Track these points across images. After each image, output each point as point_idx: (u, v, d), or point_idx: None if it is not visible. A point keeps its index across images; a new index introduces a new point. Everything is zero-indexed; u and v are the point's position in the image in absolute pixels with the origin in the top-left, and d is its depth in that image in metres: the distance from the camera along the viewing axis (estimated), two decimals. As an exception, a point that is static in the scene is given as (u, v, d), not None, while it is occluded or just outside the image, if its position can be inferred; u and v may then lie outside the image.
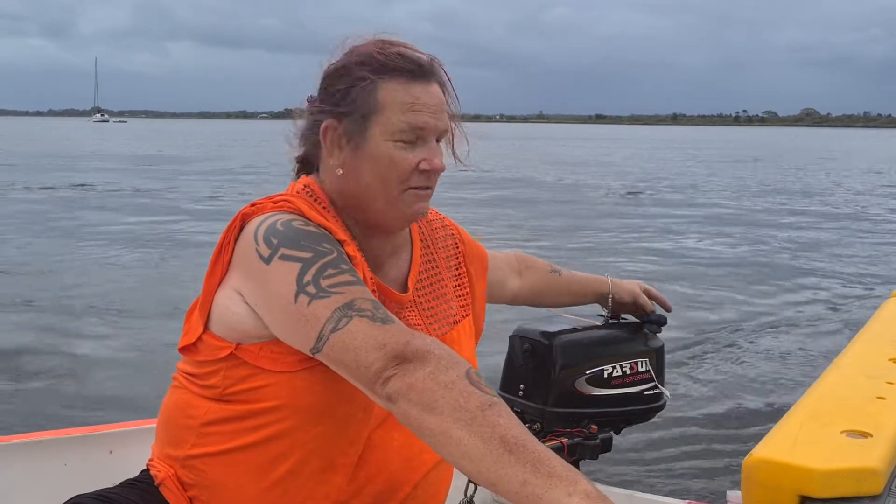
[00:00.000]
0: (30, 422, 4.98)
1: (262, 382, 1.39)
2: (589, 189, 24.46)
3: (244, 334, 1.39)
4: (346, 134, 1.46)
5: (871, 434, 1.23)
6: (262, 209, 1.42)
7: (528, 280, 1.99)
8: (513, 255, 2.00)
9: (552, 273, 2.02)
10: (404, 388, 1.15)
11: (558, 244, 13.04)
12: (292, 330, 1.30)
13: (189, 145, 59.34)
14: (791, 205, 20.75)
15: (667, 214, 17.82)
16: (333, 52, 1.50)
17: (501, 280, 1.91)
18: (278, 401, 1.38)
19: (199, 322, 1.45)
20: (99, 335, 7.22)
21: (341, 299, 1.26)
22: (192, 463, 1.46)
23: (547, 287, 2.01)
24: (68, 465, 1.97)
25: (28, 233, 13.44)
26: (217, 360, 1.42)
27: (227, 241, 1.41)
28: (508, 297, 1.96)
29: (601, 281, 2.08)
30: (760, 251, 12.95)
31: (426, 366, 1.16)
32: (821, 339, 7.48)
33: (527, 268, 2.00)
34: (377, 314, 1.25)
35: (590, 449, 1.97)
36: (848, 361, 1.64)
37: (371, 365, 1.19)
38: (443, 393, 1.12)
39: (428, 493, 1.54)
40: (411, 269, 1.61)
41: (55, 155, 40.45)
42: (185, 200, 18.70)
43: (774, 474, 1.15)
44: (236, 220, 1.41)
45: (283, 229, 1.35)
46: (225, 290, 1.41)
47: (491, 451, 1.05)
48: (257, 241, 1.35)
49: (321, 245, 1.34)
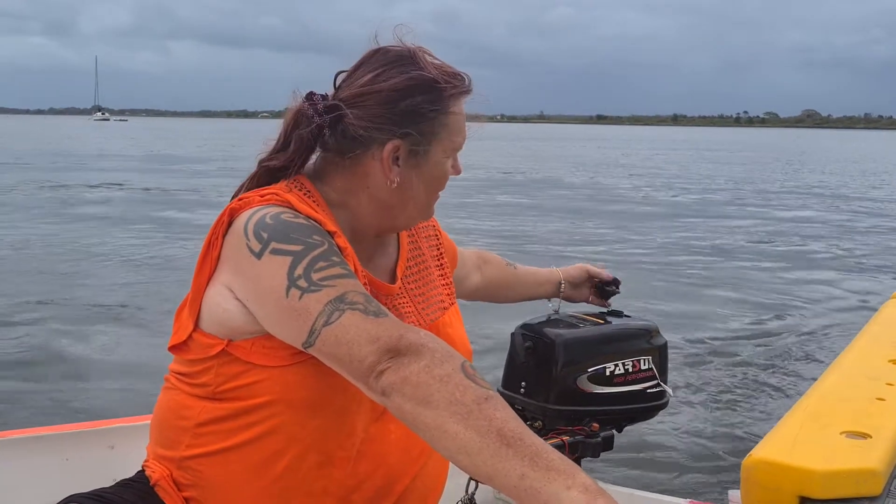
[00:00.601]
0: (30, 417, 5.01)
1: (254, 378, 1.38)
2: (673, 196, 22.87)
3: (235, 330, 1.38)
4: (408, 150, 1.48)
5: (871, 435, 1.23)
6: (250, 203, 1.41)
7: (486, 275, 2.07)
8: (473, 251, 2.07)
9: (508, 267, 2.13)
10: (399, 382, 1.15)
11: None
12: (284, 325, 1.29)
13: (201, 144, 58.87)
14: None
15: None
16: (366, 65, 1.50)
17: (466, 275, 1.98)
18: (271, 396, 1.37)
19: (189, 320, 1.44)
20: (105, 331, 7.25)
21: (333, 292, 1.25)
22: (187, 464, 1.45)
23: (504, 281, 2.12)
24: (69, 459, 1.98)
25: (54, 228, 13.50)
26: (208, 357, 1.41)
27: (215, 236, 1.40)
28: (469, 292, 2.04)
29: (552, 272, 2.20)
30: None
31: (421, 359, 1.15)
32: (822, 339, 7.48)
33: (486, 262, 2.09)
34: (369, 307, 1.24)
35: (591, 447, 1.97)
36: (848, 362, 1.64)
37: (364, 359, 1.19)
38: (438, 387, 1.12)
39: (427, 485, 1.54)
40: (399, 259, 1.62)
41: (71, 154, 40.01)
42: (215, 195, 18.67)
43: (774, 475, 1.15)
44: (224, 216, 1.40)
45: (272, 222, 1.34)
46: (215, 286, 1.40)
47: (488, 444, 1.05)
48: (247, 235, 1.34)
49: (311, 237, 1.33)
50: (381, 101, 1.46)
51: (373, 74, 1.48)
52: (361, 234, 1.53)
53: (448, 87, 1.48)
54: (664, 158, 49.17)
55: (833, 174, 35.17)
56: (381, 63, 1.49)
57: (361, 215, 1.52)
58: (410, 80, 1.47)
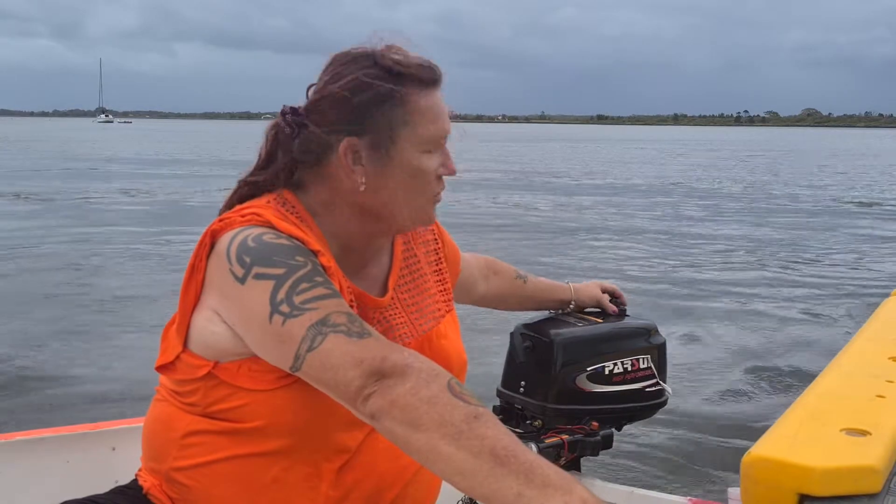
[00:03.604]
0: (31, 419, 5.00)
1: (241, 402, 1.38)
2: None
3: (223, 352, 1.38)
4: (369, 148, 1.43)
5: (871, 432, 1.23)
6: (231, 224, 1.39)
7: (493, 285, 2.04)
8: (482, 258, 2.03)
9: (517, 279, 2.08)
10: (386, 406, 1.13)
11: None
12: (270, 350, 1.28)
13: (221, 146, 57.93)
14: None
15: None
16: (326, 70, 1.47)
17: (471, 283, 1.95)
18: (260, 421, 1.37)
19: (177, 341, 1.43)
20: (111, 332, 7.25)
21: (315, 316, 1.23)
22: (175, 476, 1.45)
23: (511, 293, 2.08)
24: (70, 462, 1.97)
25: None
26: (195, 378, 1.41)
27: (198, 259, 1.39)
28: (474, 300, 2.01)
29: (563, 288, 2.15)
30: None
31: (406, 381, 1.14)
32: (822, 337, 7.48)
33: (494, 273, 2.04)
34: (353, 328, 1.23)
35: (590, 446, 1.97)
36: (848, 360, 1.65)
37: (350, 383, 1.17)
38: (426, 409, 1.10)
39: (420, 492, 1.54)
40: (392, 268, 1.60)
41: (97, 158, 39.25)
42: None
43: (773, 472, 1.15)
44: (206, 237, 1.39)
45: (254, 245, 1.32)
46: (203, 310, 1.39)
47: (482, 465, 1.04)
48: (230, 260, 1.32)
49: (294, 258, 1.31)
50: (333, 102, 1.43)
51: (328, 78, 1.46)
52: (352, 243, 1.50)
53: (409, 73, 1.43)
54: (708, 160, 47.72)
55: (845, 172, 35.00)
56: (338, 65, 1.46)
57: (346, 223, 1.48)
58: (363, 75, 1.42)
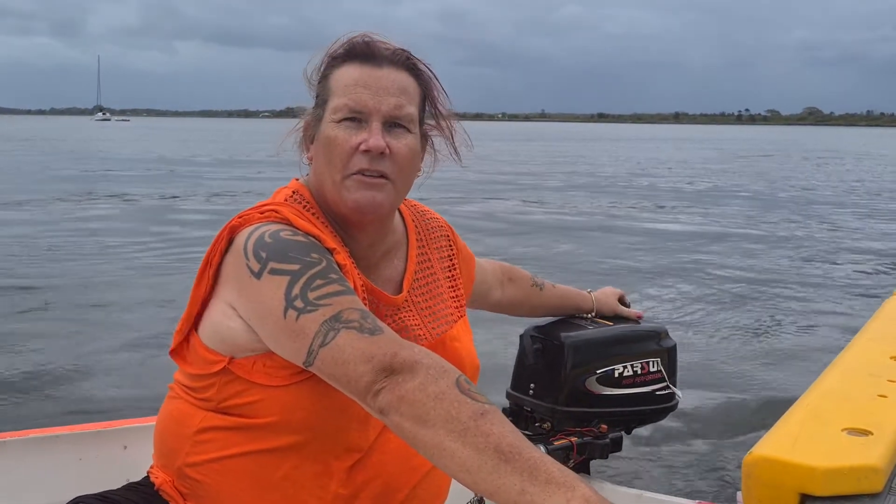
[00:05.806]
0: (45, 417, 5.03)
1: (256, 397, 1.40)
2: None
3: (238, 347, 1.40)
4: (312, 123, 1.52)
5: (872, 432, 1.24)
6: (250, 220, 1.42)
7: (509, 292, 2.03)
8: (498, 265, 2.03)
9: (534, 287, 2.07)
10: (395, 401, 1.15)
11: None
12: (284, 345, 1.31)
13: (231, 145, 57.51)
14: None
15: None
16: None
17: (487, 289, 1.95)
18: (273, 417, 1.39)
19: (185, 325, 1.47)
20: (123, 331, 7.27)
21: (329, 311, 1.26)
22: (188, 472, 1.47)
23: (526, 300, 2.07)
24: (83, 459, 2.00)
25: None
26: (211, 374, 1.43)
27: (213, 254, 1.42)
28: (489, 306, 2.01)
29: (585, 297, 2.15)
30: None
31: (415, 377, 1.15)
32: (822, 337, 7.46)
33: (510, 280, 2.04)
34: (365, 325, 1.24)
35: (599, 448, 1.97)
36: (849, 359, 1.65)
37: (360, 378, 1.19)
38: (433, 405, 1.12)
39: (430, 494, 1.55)
40: (407, 269, 1.61)
41: (109, 157, 38.84)
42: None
43: (775, 472, 1.16)
44: (224, 233, 1.42)
45: (271, 241, 1.35)
46: (219, 304, 1.42)
47: (486, 461, 1.05)
48: (247, 255, 1.35)
49: (309, 255, 1.34)
50: (309, 89, 1.54)
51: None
52: (354, 232, 1.52)
53: (342, 50, 1.50)
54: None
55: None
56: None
57: (335, 214, 1.51)
58: (315, 58, 1.53)
